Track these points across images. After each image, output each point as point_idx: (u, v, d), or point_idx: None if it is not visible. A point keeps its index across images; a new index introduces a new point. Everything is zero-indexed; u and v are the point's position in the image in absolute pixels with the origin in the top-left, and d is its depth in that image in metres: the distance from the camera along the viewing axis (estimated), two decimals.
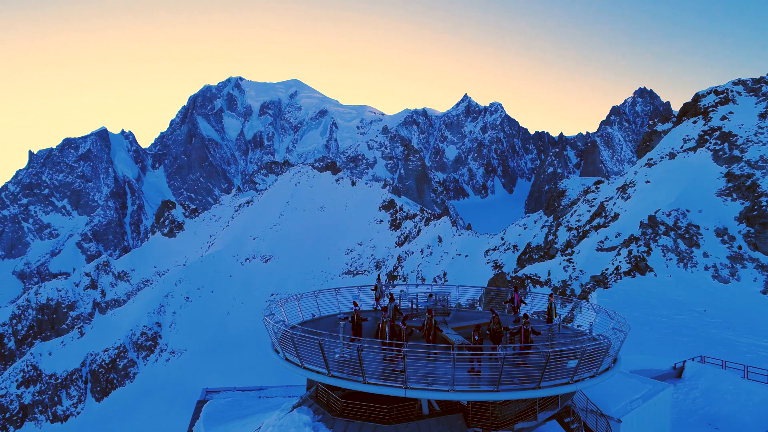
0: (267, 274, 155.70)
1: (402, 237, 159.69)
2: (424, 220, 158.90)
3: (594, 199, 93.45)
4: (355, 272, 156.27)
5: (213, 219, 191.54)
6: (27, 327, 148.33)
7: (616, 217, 79.39)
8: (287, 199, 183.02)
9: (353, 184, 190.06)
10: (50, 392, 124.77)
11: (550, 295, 25.80)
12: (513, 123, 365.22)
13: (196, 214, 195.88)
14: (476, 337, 19.16)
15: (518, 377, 18.10)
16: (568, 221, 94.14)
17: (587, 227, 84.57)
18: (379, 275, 32.88)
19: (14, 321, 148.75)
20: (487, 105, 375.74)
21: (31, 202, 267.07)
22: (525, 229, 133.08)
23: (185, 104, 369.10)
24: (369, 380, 17.93)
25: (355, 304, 22.01)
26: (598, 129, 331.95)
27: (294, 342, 19.57)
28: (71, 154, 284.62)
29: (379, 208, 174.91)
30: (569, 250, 79.87)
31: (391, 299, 22.80)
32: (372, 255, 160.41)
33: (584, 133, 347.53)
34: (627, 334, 21.05)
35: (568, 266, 73.87)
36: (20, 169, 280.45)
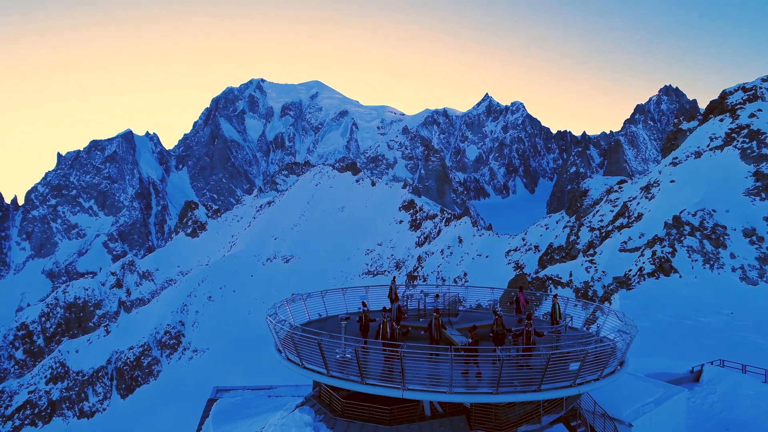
0: (288, 274, 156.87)
1: (422, 237, 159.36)
2: (444, 221, 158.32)
3: (617, 199, 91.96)
4: (375, 272, 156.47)
5: (235, 219, 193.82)
6: (55, 325, 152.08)
7: (639, 217, 77.99)
8: (308, 199, 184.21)
9: (373, 184, 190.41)
10: (77, 389, 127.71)
11: (555, 296, 25.29)
12: (535, 122, 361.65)
13: (219, 214, 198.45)
14: (470, 340, 18.86)
15: (518, 379, 17.79)
16: (590, 221, 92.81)
17: (610, 227, 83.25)
18: (394, 276, 32.78)
19: (43, 319, 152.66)
20: (509, 104, 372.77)
21: (60, 203, 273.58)
22: (546, 229, 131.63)
23: (208, 106, 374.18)
24: (367, 381, 17.85)
25: (364, 305, 22.02)
26: (622, 128, 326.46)
27: (294, 342, 19.67)
28: (98, 156, 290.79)
29: (399, 208, 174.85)
30: (591, 251, 78.76)
31: (396, 299, 22.75)
32: (392, 255, 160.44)
33: (608, 132, 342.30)
34: (634, 337, 20.52)
35: (590, 267, 72.81)
36: (49, 171, 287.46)
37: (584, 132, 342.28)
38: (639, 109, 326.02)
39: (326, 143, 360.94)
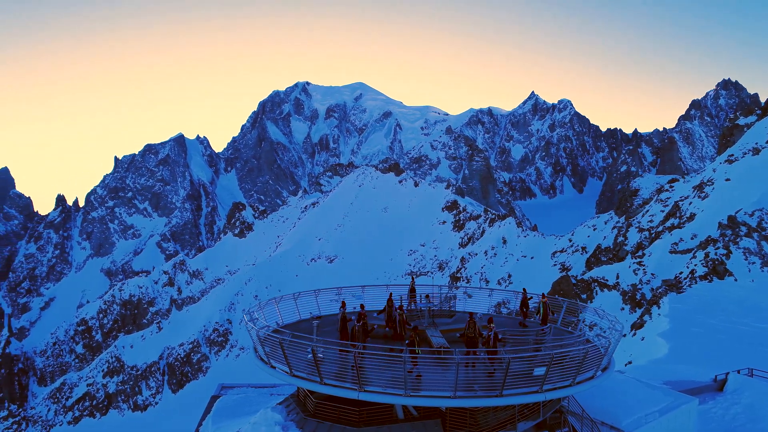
0: (331, 274, 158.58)
1: (465, 238, 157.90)
2: (488, 221, 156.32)
3: (668, 198, 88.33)
4: (418, 273, 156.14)
5: (280, 220, 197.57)
6: (112, 321, 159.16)
7: (692, 217, 74.69)
8: (351, 200, 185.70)
9: (416, 184, 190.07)
10: (132, 382, 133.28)
11: (543, 295, 24.32)
12: (583, 120, 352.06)
13: (265, 215, 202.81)
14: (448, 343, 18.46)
15: (479, 384, 17.23)
16: (639, 222, 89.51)
17: (660, 228, 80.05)
18: (413, 277, 32.60)
19: (101, 315, 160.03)
20: (555, 102, 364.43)
21: (117, 205, 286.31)
22: (594, 230, 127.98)
23: (255, 109, 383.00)
24: (326, 381, 17.59)
25: (343, 305, 21.84)
26: (677, 124, 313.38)
27: (261, 340, 19.75)
28: (152, 159, 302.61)
29: (443, 208, 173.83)
30: (640, 252, 75.95)
31: (413, 299, 22.59)
32: (435, 256, 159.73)
33: (661, 129, 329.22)
34: (612, 341, 19.23)
35: (639, 269, 70.23)
36: (107, 174, 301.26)
37: (635, 129, 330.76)
38: (695, 104, 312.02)
39: (370, 144, 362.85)
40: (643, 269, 70.38)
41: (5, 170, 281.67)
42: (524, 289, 25.65)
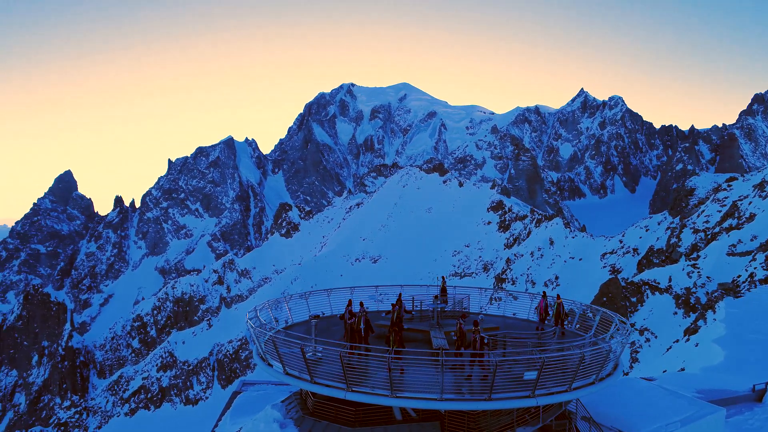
0: (375, 274, 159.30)
1: (511, 239, 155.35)
2: (534, 222, 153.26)
3: (726, 198, 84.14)
4: (463, 274, 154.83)
5: (326, 220, 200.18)
6: (165, 317, 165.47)
7: (752, 217, 70.88)
8: (395, 200, 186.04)
9: (461, 185, 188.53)
10: (183, 377, 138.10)
11: (558, 296, 23.85)
12: (636, 117, 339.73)
13: (311, 215, 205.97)
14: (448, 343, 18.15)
15: (468, 387, 16.95)
16: (694, 222, 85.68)
17: (717, 229, 76.36)
18: (443, 277, 32.30)
19: (155, 311, 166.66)
20: (606, 99, 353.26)
21: (170, 206, 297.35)
22: (647, 231, 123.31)
23: (301, 112, 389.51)
24: (316, 380, 17.54)
25: (350, 304, 21.72)
26: (738, 120, 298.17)
27: (257, 338, 20.04)
28: (203, 162, 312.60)
29: (488, 209, 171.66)
30: (695, 254, 72.67)
31: (444, 298, 22.51)
32: (480, 257, 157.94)
33: (720, 126, 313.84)
34: (614, 346, 18.47)
35: (693, 272, 67.24)
36: (161, 176, 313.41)
37: (692, 126, 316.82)
38: (758, 98, 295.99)
39: (414, 145, 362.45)
40: (698, 272, 67.32)
41: (68, 173, 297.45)
42: (543, 293, 25.22)
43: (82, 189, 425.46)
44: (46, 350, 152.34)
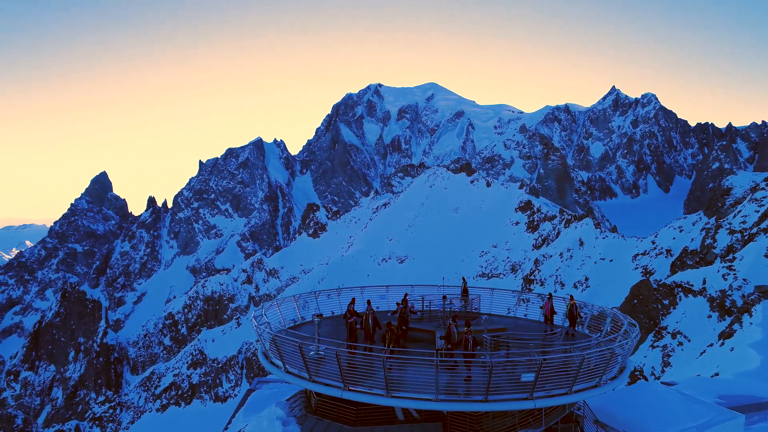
0: (402, 274, 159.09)
1: (540, 239, 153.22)
2: (563, 222, 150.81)
3: (764, 197, 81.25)
4: (490, 275, 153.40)
5: (353, 221, 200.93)
6: (196, 316, 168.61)
7: None
8: (422, 201, 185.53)
9: (488, 185, 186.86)
10: (213, 374, 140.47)
11: (571, 297, 23.64)
12: (670, 115, 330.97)
13: (338, 216, 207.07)
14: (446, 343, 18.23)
15: (464, 388, 16.81)
16: (730, 223, 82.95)
17: (754, 230, 73.78)
18: (464, 278, 32.19)
19: (186, 310, 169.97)
20: (638, 96, 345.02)
21: (201, 206, 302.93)
22: (681, 231, 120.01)
23: (329, 112, 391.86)
24: (315, 379, 17.56)
25: (353, 302, 21.76)
26: None
27: (262, 338, 20.42)
28: (232, 163, 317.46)
29: (516, 209, 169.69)
30: (731, 256, 70.36)
31: (466, 299, 22.51)
32: (507, 258, 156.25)
33: (759, 123, 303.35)
34: (617, 349, 18.07)
35: (728, 274, 65.12)
36: (192, 177, 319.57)
37: (729, 123, 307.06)
38: None
39: (442, 145, 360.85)
40: (734, 274, 65.17)
41: (104, 174, 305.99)
42: (550, 295, 24.90)
43: (117, 190, 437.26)
44: (82, 346, 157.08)
